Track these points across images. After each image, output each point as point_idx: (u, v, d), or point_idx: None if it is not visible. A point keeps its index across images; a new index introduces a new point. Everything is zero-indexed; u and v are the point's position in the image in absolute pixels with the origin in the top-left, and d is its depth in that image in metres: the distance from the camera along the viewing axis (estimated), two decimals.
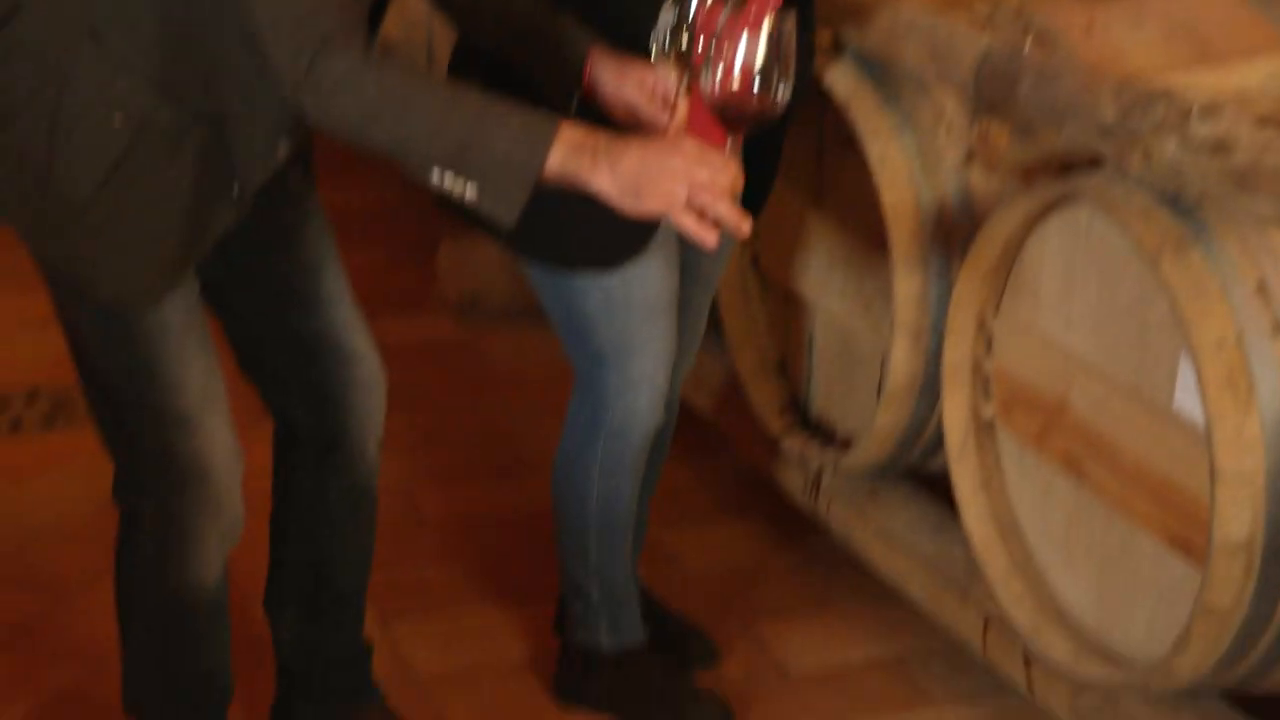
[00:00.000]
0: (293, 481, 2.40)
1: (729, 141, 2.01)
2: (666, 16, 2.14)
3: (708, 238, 1.92)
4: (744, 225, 1.94)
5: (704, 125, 2.07)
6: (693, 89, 2.07)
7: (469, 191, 1.96)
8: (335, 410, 2.33)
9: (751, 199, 2.53)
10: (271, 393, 2.35)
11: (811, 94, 2.54)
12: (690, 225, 1.91)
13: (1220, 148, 2.08)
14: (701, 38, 2.06)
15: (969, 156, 2.56)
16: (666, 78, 2.12)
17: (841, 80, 2.65)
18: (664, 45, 2.15)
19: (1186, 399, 2.15)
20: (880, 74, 2.67)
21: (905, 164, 2.62)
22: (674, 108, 2.08)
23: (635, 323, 2.44)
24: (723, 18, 1.98)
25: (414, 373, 3.63)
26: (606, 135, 1.95)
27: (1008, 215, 2.38)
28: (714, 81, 1.96)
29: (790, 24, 1.94)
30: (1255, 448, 2.05)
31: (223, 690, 2.33)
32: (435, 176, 1.96)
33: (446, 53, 2.54)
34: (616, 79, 2.15)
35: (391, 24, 2.44)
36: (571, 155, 1.93)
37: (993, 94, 2.42)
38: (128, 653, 2.30)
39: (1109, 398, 2.28)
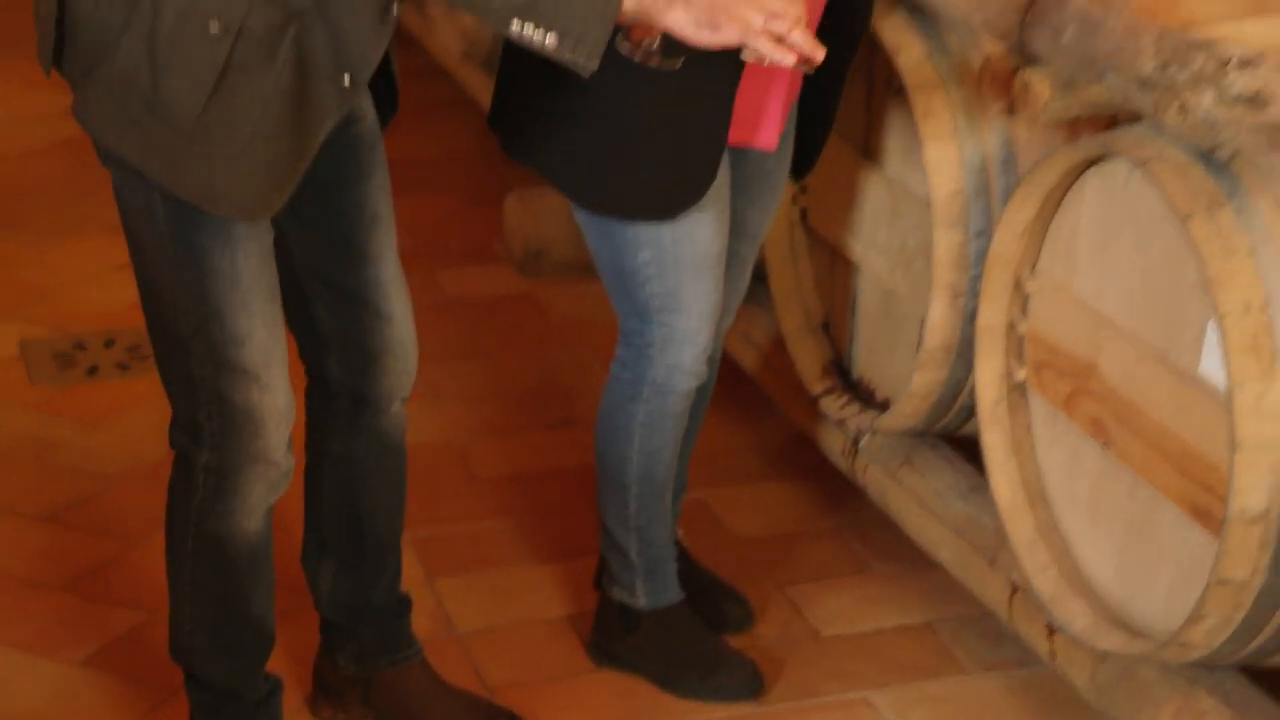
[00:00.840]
0: (323, 434, 2.46)
1: None
2: None
3: (786, 58, 2.04)
4: (818, 52, 2.06)
5: None
6: None
7: (549, 40, 2.04)
8: (367, 367, 2.38)
9: (805, 154, 2.62)
10: (309, 344, 2.41)
11: (864, 44, 2.60)
12: (768, 47, 2.03)
13: (1256, 101, 2.07)
14: None
15: (1012, 109, 2.55)
16: None
17: (891, 30, 2.67)
18: None
19: (1211, 364, 2.13)
20: (928, 24, 2.69)
21: (950, 117, 2.62)
22: None
23: (684, 278, 2.47)
24: None
25: (475, 324, 3.72)
26: None
27: (1046, 170, 2.36)
28: None
29: None
30: (1277, 416, 2.02)
31: (265, 639, 2.39)
32: (515, 26, 2.05)
33: None
34: None
35: None
36: None
37: (1036, 43, 2.41)
38: (174, 598, 2.38)
39: (1137, 362, 2.26)
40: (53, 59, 2.19)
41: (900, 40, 2.66)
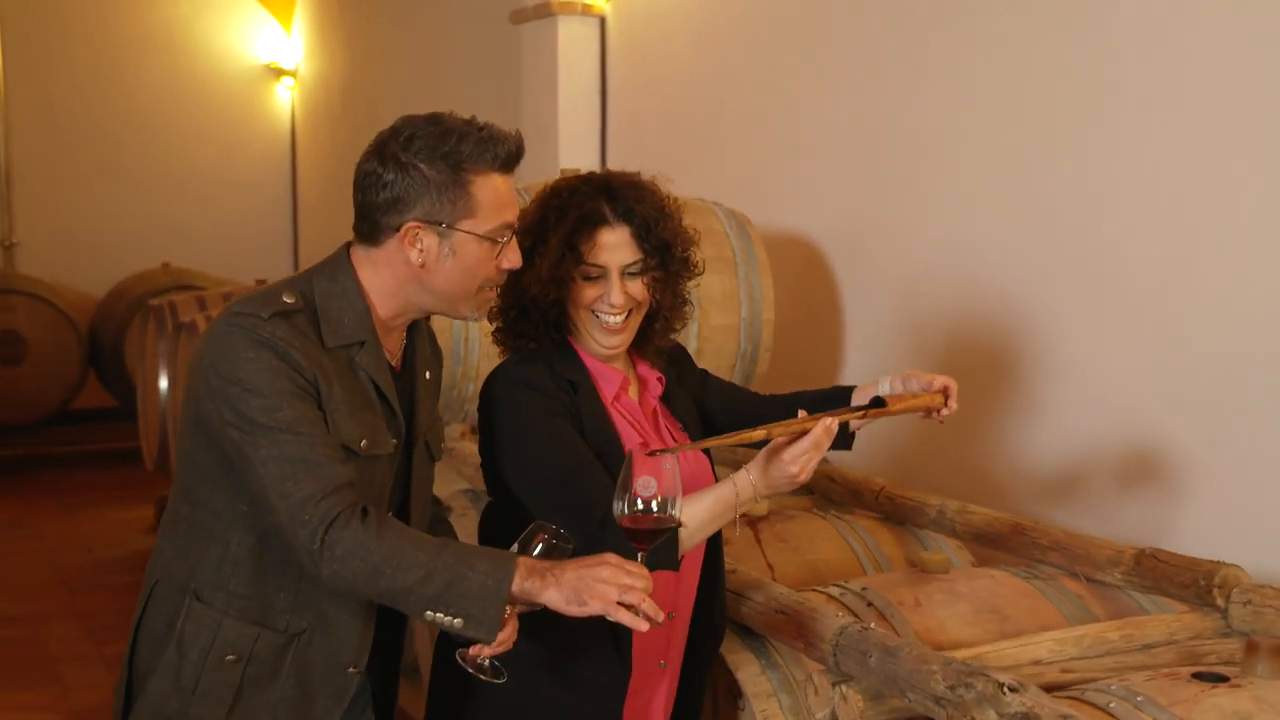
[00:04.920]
0: None
1: (640, 555, 2.46)
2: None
3: (640, 625, 2.33)
4: (660, 615, 2.35)
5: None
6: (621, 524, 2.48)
7: (456, 622, 2.34)
8: None
9: None
10: None
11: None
12: (626, 617, 2.33)
13: (1029, 717, 2.49)
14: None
15: (833, 715, 2.94)
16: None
17: (729, 650, 3.17)
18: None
19: None
20: (760, 644, 3.19)
21: (782, 717, 3.11)
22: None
23: None
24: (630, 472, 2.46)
25: None
26: (548, 562, 2.38)
27: None
28: (624, 510, 2.44)
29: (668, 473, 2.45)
30: None
31: None
32: (429, 614, 2.34)
33: None
34: None
35: None
36: (527, 578, 2.35)
37: (847, 665, 2.90)
38: None
39: None
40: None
41: (738, 659, 3.17)
